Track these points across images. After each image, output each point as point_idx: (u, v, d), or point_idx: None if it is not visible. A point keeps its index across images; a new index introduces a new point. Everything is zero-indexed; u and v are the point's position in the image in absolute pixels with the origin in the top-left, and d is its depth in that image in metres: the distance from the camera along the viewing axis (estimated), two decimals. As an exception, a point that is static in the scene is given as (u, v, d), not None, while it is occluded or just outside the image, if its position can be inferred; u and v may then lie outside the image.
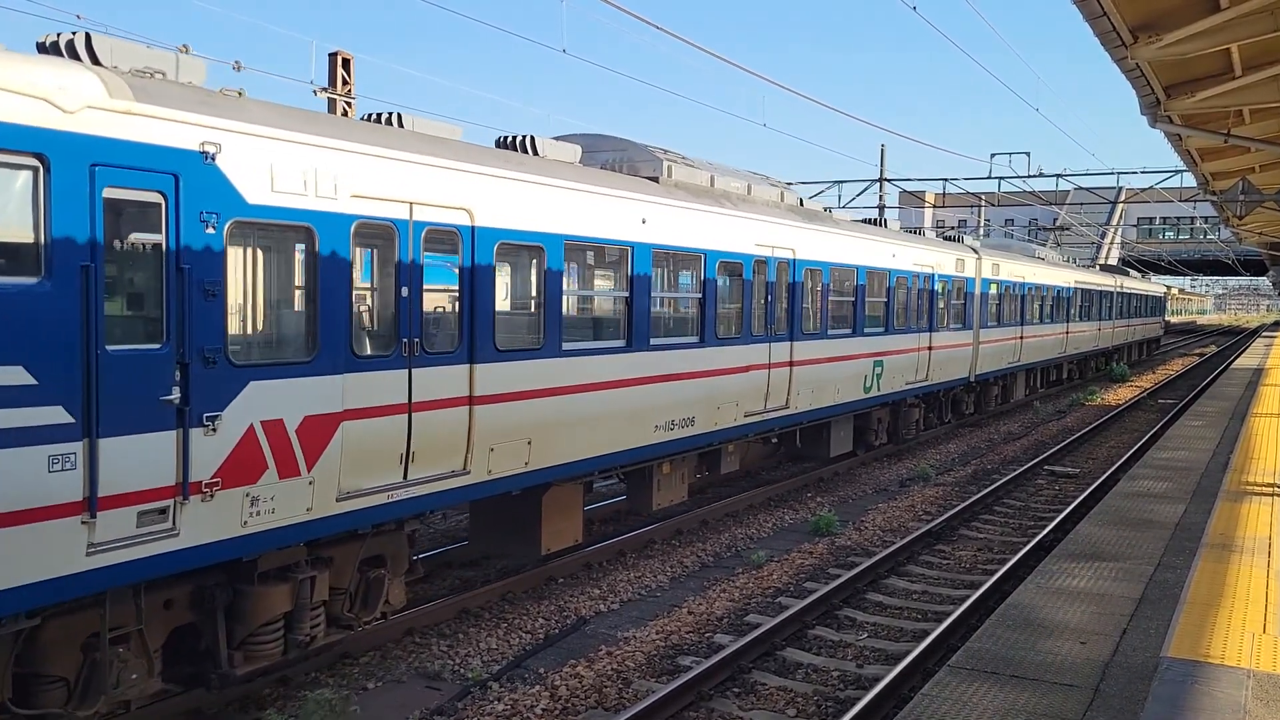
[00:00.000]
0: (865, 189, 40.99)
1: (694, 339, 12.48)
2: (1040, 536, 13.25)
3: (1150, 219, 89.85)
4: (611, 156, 12.75)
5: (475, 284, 9.02)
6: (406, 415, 8.34)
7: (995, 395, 27.05)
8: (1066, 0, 10.12)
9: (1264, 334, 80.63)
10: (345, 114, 16.59)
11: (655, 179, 12.20)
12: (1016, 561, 12.00)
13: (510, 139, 10.74)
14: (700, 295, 12.54)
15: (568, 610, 10.56)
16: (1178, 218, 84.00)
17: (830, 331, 16.01)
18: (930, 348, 20.40)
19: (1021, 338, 27.35)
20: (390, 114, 9.20)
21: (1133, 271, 55.63)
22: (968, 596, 10.77)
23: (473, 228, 8.99)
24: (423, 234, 8.49)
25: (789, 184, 16.95)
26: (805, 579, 11.93)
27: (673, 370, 11.96)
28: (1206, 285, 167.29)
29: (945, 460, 20.65)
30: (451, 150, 8.96)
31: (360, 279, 8.29)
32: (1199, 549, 9.84)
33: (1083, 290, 35.17)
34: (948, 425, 24.13)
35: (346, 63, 18.18)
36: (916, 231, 23.20)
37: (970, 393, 24.87)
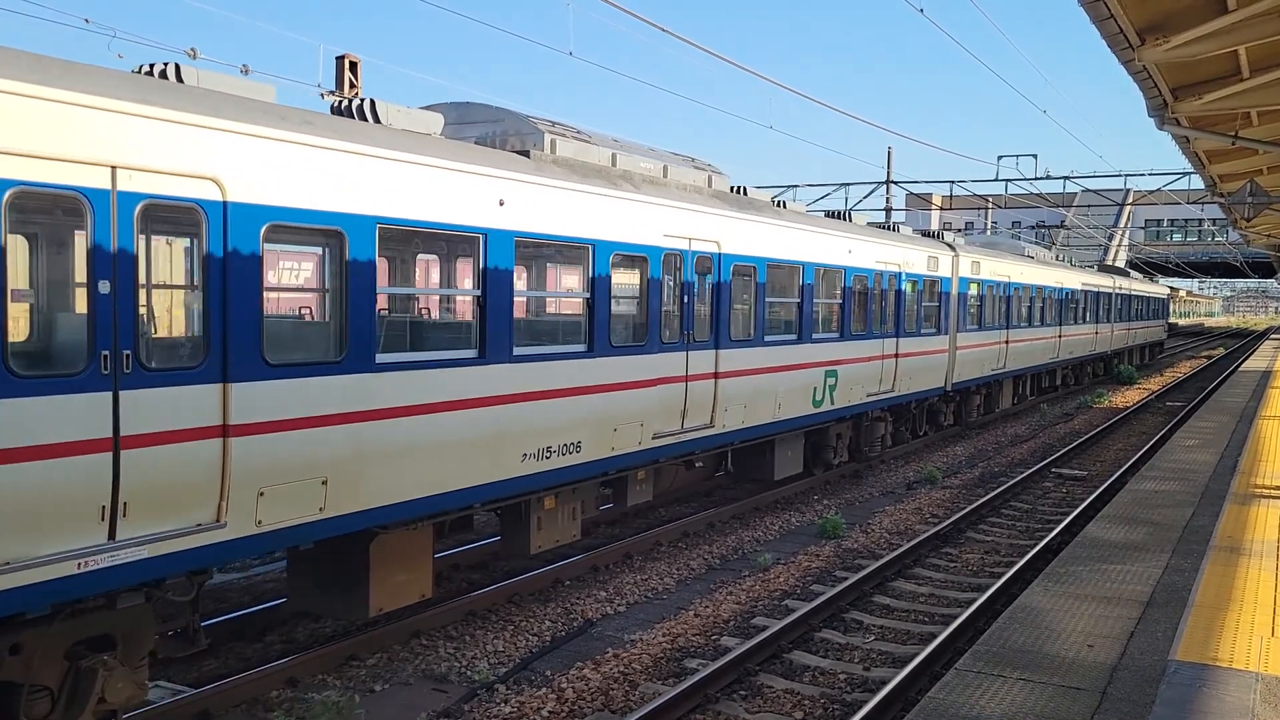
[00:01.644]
0: (872, 191, 41.04)
1: (580, 347, 10.45)
2: (1048, 539, 13.22)
3: (1158, 221, 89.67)
4: (485, 129, 10.71)
5: (229, 277, 6.94)
6: (111, 454, 6.29)
7: (977, 405, 24.96)
8: (1074, 2, 10.09)
9: (1272, 336, 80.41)
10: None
11: (525, 153, 10.07)
12: (1024, 564, 11.97)
13: (345, 103, 8.85)
14: (589, 295, 10.48)
15: (574, 613, 10.57)
16: (1185, 220, 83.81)
17: (768, 338, 14.01)
18: (897, 355, 18.42)
19: (1007, 342, 25.34)
20: (165, 65, 7.34)
21: (1134, 272, 54.95)
22: (975, 599, 10.76)
23: (224, 203, 6.88)
24: (137, 210, 6.43)
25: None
26: (812, 581, 11.92)
27: (547, 386, 9.89)
28: (1214, 288, 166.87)
29: (952, 463, 20.62)
30: (189, 101, 6.82)
31: (21, 269, 6.49)
32: (1207, 552, 9.82)
33: (1077, 291, 33.27)
34: (922, 439, 22.22)
35: (354, 66, 18.24)
36: (890, 230, 20.88)
37: (948, 403, 22.86)
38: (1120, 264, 65.36)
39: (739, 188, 14.60)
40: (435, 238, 9.68)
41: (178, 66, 7.34)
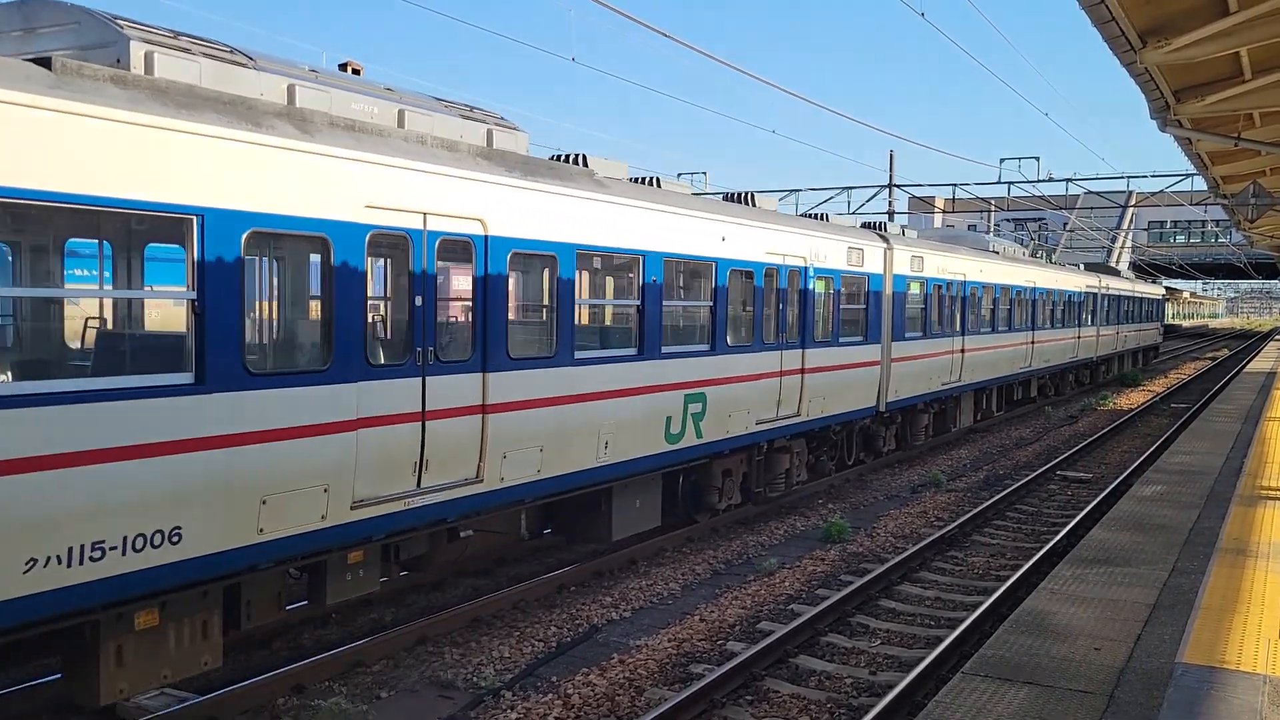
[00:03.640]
0: (875, 194, 41.09)
1: (179, 379, 6.87)
2: (1054, 542, 13.21)
3: (1161, 223, 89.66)
4: (59, 39, 7.41)
5: None
6: None
7: (925, 426, 21.04)
8: (1075, 5, 10.10)
9: (1277, 338, 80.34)
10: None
11: (46, 62, 6.40)
12: (1030, 567, 11.97)
13: None
14: (195, 295, 6.89)
15: (580, 618, 10.57)
16: (1189, 221, 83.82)
17: (582, 354, 10.56)
18: (803, 370, 14.95)
19: (962, 351, 21.91)
20: None
21: (1126, 270, 53.76)
22: (981, 602, 10.75)
23: None
24: None
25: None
26: (817, 586, 11.92)
27: (92, 444, 6.33)
28: (1218, 289, 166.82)
29: (957, 466, 20.61)
30: None
31: None
32: (1213, 554, 9.81)
33: (1054, 291, 29.74)
34: (852, 470, 18.55)
35: (357, 73, 18.29)
36: (808, 218, 17.27)
37: (887, 425, 19.22)
38: (1123, 266, 65.19)
39: (574, 156, 11.28)
40: None
41: None
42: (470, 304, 9.23)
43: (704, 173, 38.51)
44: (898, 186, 40.75)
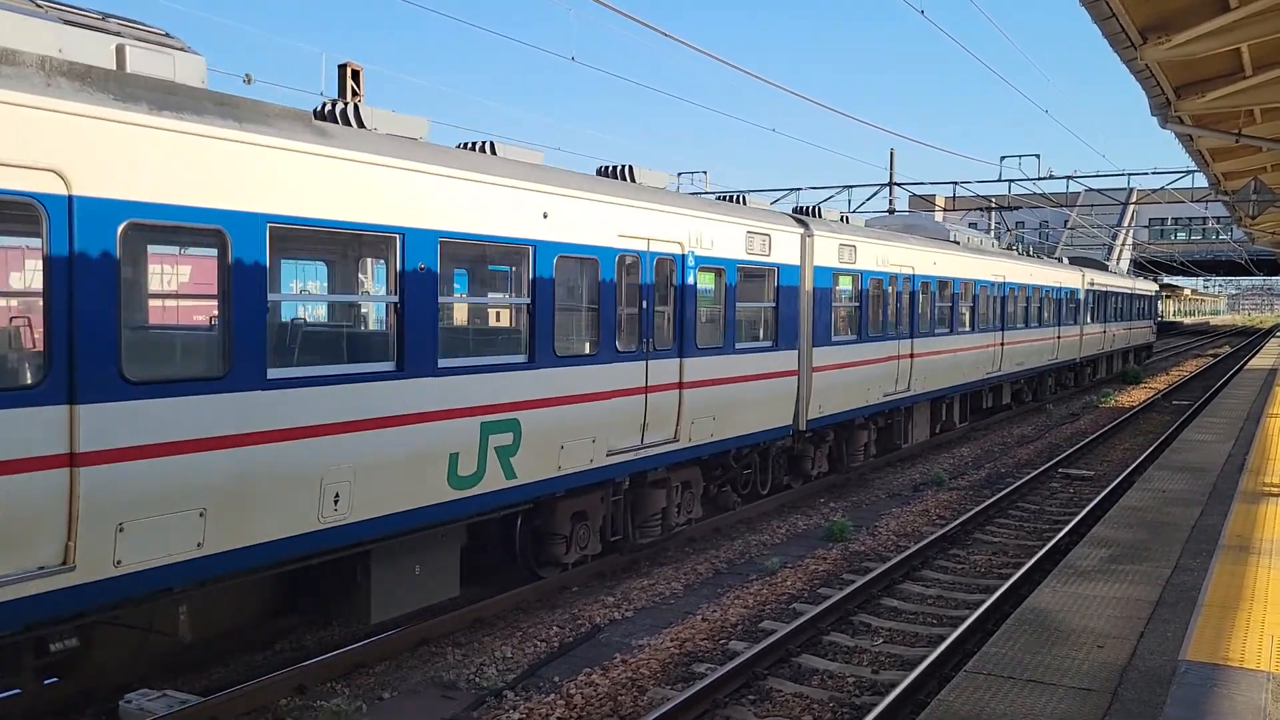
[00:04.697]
0: (875, 193, 41.04)
1: None
2: (1056, 540, 13.20)
3: (1162, 220, 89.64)
4: None
5: None
6: None
7: (866, 444, 18.02)
8: (1075, 1, 10.10)
9: (1278, 334, 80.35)
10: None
11: None
12: (1032, 565, 11.96)
13: None
14: None
15: (582, 619, 10.56)
16: (1190, 218, 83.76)
17: (281, 374, 7.51)
18: (681, 384, 12.20)
19: (911, 356, 19.00)
20: None
21: (1118, 266, 52.85)
22: (983, 601, 10.73)
23: None
24: None
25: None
26: (820, 585, 11.91)
27: None
28: (1220, 286, 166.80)
29: (959, 464, 20.59)
30: None
31: None
32: (1216, 551, 9.80)
33: (1028, 287, 26.92)
34: (766, 500, 15.56)
35: (356, 74, 18.30)
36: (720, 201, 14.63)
37: (816, 445, 16.44)
38: (1124, 263, 65.09)
39: (333, 105, 8.67)
40: None
41: None
42: (44, 300, 6.07)
43: (704, 172, 38.30)
44: (898, 185, 40.74)
